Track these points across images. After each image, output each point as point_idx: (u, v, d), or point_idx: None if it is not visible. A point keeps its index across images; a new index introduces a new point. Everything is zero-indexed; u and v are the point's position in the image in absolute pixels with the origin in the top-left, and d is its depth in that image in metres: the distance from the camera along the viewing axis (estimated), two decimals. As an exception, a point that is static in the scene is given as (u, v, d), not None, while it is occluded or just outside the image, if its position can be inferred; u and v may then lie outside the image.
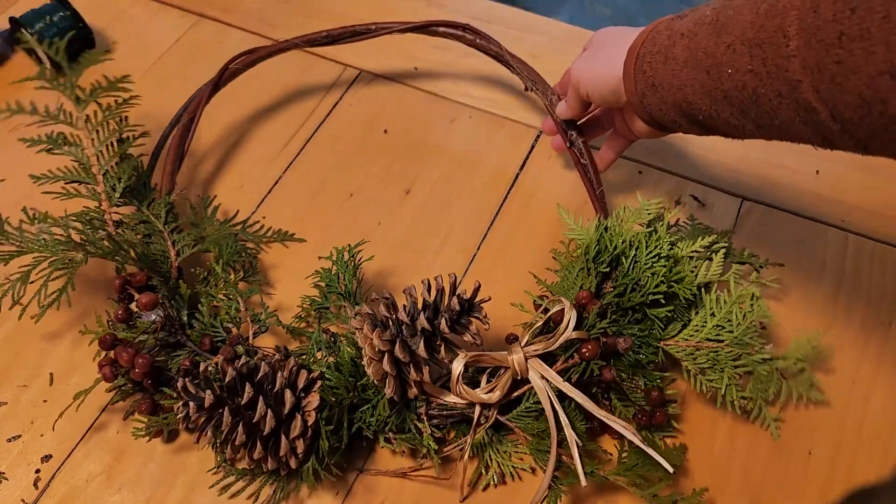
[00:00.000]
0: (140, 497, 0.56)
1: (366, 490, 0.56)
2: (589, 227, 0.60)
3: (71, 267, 0.55)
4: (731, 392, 0.54)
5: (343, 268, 0.61)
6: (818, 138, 0.41)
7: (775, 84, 0.40)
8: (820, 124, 0.39)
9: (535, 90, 0.68)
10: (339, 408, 0.54)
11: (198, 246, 0.63)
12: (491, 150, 0.76)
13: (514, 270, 0.67)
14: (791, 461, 0.57)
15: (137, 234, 0.62)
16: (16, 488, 0.56)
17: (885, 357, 0.62)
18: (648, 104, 0.52)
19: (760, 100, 0.42)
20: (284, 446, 0.50)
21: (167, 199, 0.65)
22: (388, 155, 0.76)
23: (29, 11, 0.80)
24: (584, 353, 0.53)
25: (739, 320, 0.54)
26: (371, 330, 0.51)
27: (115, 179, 0.63)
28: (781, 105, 0.40)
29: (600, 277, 0.57)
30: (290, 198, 0.73)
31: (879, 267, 0.67)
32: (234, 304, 0.60)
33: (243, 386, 0.49)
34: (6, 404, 0.60)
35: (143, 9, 0.90)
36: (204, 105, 0.70)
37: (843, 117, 0.37)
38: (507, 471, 0.55)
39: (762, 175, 0.73)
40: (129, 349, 0.55)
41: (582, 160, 0.66)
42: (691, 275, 0.56)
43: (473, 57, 0.83)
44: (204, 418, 0.48)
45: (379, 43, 0.85)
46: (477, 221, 0.71)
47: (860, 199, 0.72)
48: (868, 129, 0.37)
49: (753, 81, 0.41)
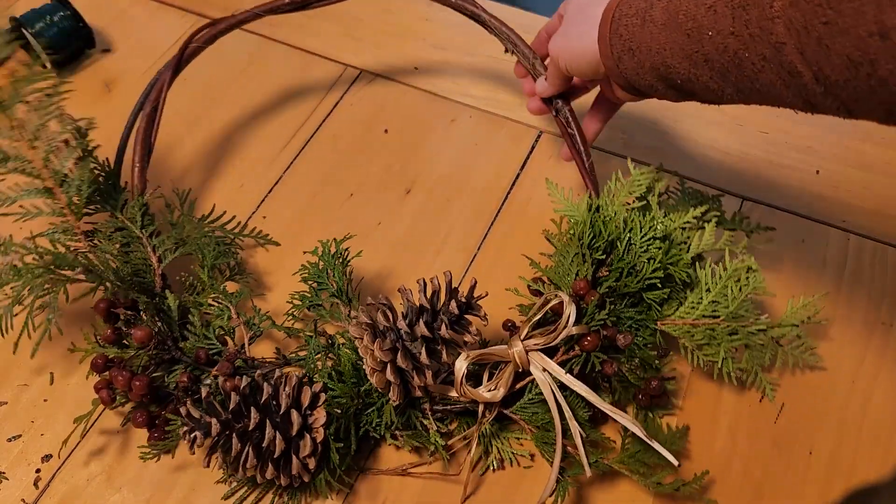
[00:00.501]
0: (140, 497, 0.55)
1: (368, 489, 0.56)
2: (580, 203, 0.60)
3: (53, 291, 0.51)
4: (728, 364, 0.55)
5: (331, 263, 0.60)
6: (800, 101, 0.40)
7: (758, 47, 0.39)
8: (803, 87, 0.38)
9: (515, 52, 0.66)
10: (346, 417, 0.53)
11: (179, 250, 0.60)
12: (491, 150, 0.76)
13: (513, 270, 0.67)
14: (791, 461, 0.57)
15: (115, 244, 0.59)
16: (16, 488, 0.56)
17: (885, 357, 0.62)
18: (625, 69, 0.51)
19: (742, 63, 0.41)
20: (296, 465, 0.50)
21: (140, 199, 0.61)
22: (388, 155, 0.76)
23: (29, 11, 0.80)
24: (585, 344, 0.54)
25: (735, 294, 0.54)
26: (371, 341, 0.50)
27: (76, 188, 0.57)
28: (764, 68, 0.40)
29: (596, 264, 0.57)
30: (290, 198, 0.73)
31: (880, 267, 0.67)
32: (227, 312, 0.59)
33: (248, 409, 0.49)
34: (6, 404, 0.60)
35: (143, 9, 0.90)
36: (167, 90, 0.65)
37: (829, 80, 0.36)
38: (506, 457, 0.56)
39: (762, 175, 0.73)
40: (124, 372, 0.54)
41: (569, 129, 0.62)
42: (687, 257, 0.56)
43: (473, 56, 0.83)
44: (211, 444, 0.48)
45: (379, 43, 0.85)
46: (477, 221, 0.71)
47: (860, 198, 0.72)
48: (853, 91, 0.36)
49: (735, 44, 0.41)
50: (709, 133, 0.76)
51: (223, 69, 0.83)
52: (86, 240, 0.58)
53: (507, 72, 0.82)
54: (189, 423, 0.48)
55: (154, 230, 0.61)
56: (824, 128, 0.77)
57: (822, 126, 0.77)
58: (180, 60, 0.67)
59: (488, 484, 0.56)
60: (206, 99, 0.80)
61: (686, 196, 0.64)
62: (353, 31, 0.86)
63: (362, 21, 0.87)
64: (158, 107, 0.65)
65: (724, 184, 0.73)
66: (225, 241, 0.64)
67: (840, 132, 0.76)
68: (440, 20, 0.87)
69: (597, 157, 0.75)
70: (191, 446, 0.47)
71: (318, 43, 0.85)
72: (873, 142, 0.76)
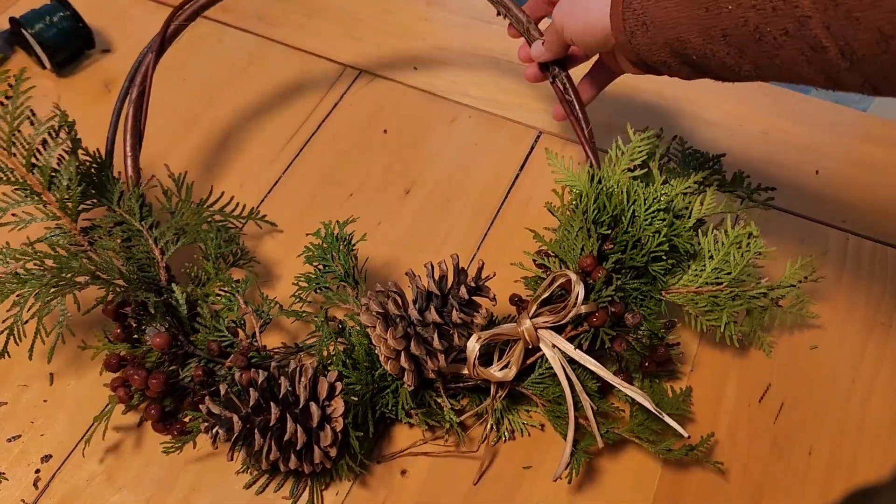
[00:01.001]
0: (140, 497, 0.56)
1: (382, 468, 0.56)
2: (580, 173, 0.60)
3: (61, 295, 0.51)
4: (731, 328, 0.56)
5: (335, 245, 0.60)
6: (822, 77, 0.39)
7: (781, 21, 0.38)
8: (827, 63, 0.37)
9: (508, 16, 0.65)
10: (363, 403, 0.54)
11: (181, 240, 0.60)
12: (491, 150, 0.76)
13: (514, 270, 0.67)
14: (791, 461, 0.57)
15: (116, 240, 0.58)
16: (16, 488, 0.56)
17: (884, 357, 0.62)
18: (638, 44, 0.49)
19: (763, 38, 0.40)
20: (318, 455, 0.51)
21: (136, 190, 0.60)
22: (388, 155, 0.76)
23: (29, 11, 0.80)
24: (594, 320, 0.55)
25: (738, 260, 0.56)
26: (384, 330, 0.51)
27: (65, 188, 0.56)
28: (786, 43, 0.39)
29: (601, 239, 0.57)
30: (290, 198, 0.73)
31: (879, 267, 0.67)
32: (235, 302, 0.59)
33: (268, 403, 0.50)
34: (6, 404, 0.60)
35: (143, 9, 0.90)
36: (152, 71, 0.63)
37: (856, 55, 0.36)
38: (517, 427, 0.57)
39: (762, 175, 0.73)
40: (140, 370, 0.54)
41: (567, 97, 0.62)
42: (689, 224, 0.57)
43: (473, 56, 0.84)
44: (234, 439, 0.49)
45: (379, 43, 0.85)
46: (477, 221, 0.71)
47: (860, 199, 0.72)
48: (881, 67, 0.35)
49: (756, 18, 0.39)
50: (709, 133, 0.76)
51: (223, 69, 0.83)
52: (85, 238, 0.58)
53: (507, 72, 0.82)
54: (210, 420, 0.49)
55: (153, 221, 0.60)
56: (824, 128, 0.77)
57: (822, 126, 0.77)
58: (163, 40, 0.64)
59: (501, 457, 0.57)
60: (206, 99, 0.80)
61: (687, 158, 0.64)
62: (353, 31, 0.86)
63: (362, 21, 0.87)
64: (145, 91, 0.63)
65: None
66: (227, 226, 0.64)
67: (840, 132, 0.76)
68: (440, 20, 0.87)
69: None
70: (213, 441, 0.48)
71: (318, 43, 0.85)
72: (873, 142, 0.76)
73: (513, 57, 0.83)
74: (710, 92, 0.79)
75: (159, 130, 0.76)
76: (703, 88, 0.80)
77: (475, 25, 0.71)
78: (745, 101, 0.78)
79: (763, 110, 0.78)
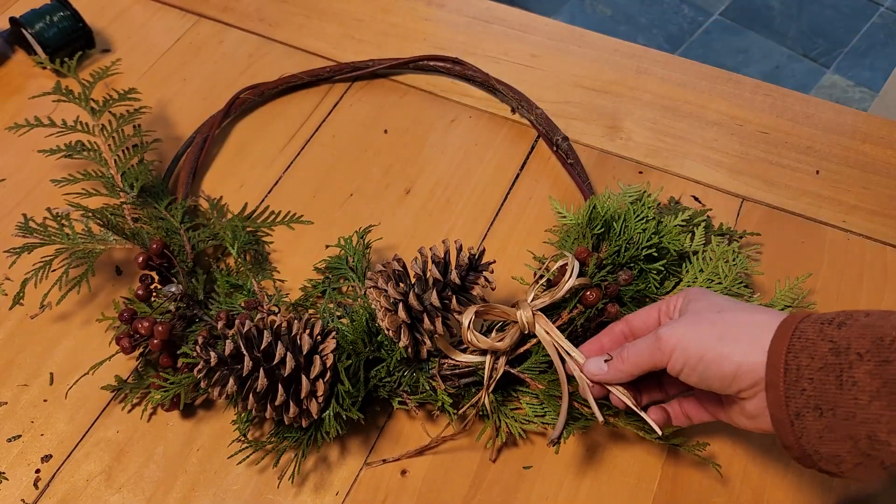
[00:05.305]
0: (140, 497, 0.56)
1: (380, 473, 0.56)
2: (579, 210, 0.64)
3: (91, 257, 0.60)
4: None
5: (352, 251, 0.64)
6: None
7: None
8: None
9: (521, 109, 0.70)
10: (356, 358, 0.55)
11: (212, 241, 0.66)
12: (491, 151, 0.76)
13: (514, 270, 0.67)
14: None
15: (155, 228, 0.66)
16: (16, 488, 0.56)
17: (885, 357, 0.62)
18: (804, 427, 0.40)
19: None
20: (305, 386, 0.51)
21: (183, 203, 0.68)
22: (388, 155, 0.76)
23: (29, 11, 0.81)
24: (588, 297, 0.56)
25: (726, 272, 0.58)
26: (385, 282, 0.53)
27: (133, 178, 0.68)
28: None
29: (595, 240, 0.60)
30: (290, 198, 0.73)
31: (879, 267, 0.67)
32: (249, 283, 0.62)
33: (261, 335, 0.51)
34: (6, 404, 0.60)
35: (143, 9, 0.90)
36: (216, 129, 0.75)
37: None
38: (515, 431, 0.57)
39: (762, 175, 0.73)
40: (146, 320, 0.57)
41: (569, 160, 0.66)
42: (677, 228, 0.60)
43: (473, 56, 0.83)
44: (225, 369, 0.50)
45: (379, 43, 0.85)
46: (477, 221, 0.71)
47: (860, 199, 0.72)
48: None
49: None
50: (709, 133, 0.76)
51: (223, 69, 0.83)
52: (132, 221, 0.67)
53: (507, 72, 0.82)
54: (203, 352, 0.50)
55: (192, 225, 0.67)
56: (824, 128, 0.77)
57: (822, 126, 0.77)
58: (228, 110, 0.77)
59: (500, 457, 0.58)
60: (206, 99, 0.80)
61: (676, 209, 0.67)
62: (353, 32, 0.86)
63: (362, 21, 0.87)
64: (208, 138, 0.75)
65: (724, 184, 0.73)
66: (255, 233, 0.70)
67: (840, 132, 0.76)
68: (440, 20, 0.87)
69: (596, 156, 0.75)
70: (206, 374, 0.49)
71: (318, 43, 0.85)
72: (873, 142, 0.76)
73: (513, 57, 0.83)
74: (710, 92, 0.79)
75: (160, 130, 0.76)
76: (704, 88, 0.80)
77: (475, 25, 0.71)
78: (745, 101, 0.78)
79: (763, 110, 0.78)
